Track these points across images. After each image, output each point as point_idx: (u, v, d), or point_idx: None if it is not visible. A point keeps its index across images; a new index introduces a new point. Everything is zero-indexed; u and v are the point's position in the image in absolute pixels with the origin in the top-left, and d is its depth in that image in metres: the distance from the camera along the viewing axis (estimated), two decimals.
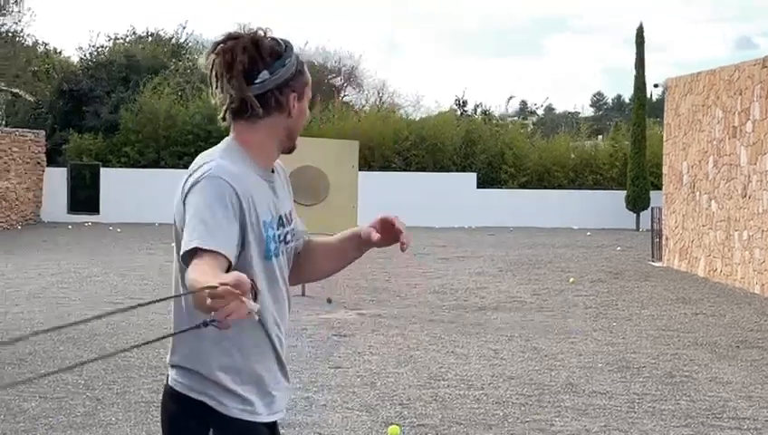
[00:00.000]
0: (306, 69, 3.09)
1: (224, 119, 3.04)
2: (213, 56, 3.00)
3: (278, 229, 3.08)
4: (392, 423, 7.19)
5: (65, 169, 30.49)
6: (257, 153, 3.04)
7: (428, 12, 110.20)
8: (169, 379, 3.10)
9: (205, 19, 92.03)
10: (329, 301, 13.45)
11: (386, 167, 31.09)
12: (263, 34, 3.00)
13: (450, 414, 7.51)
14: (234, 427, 3.05)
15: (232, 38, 2.99)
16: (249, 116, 2.98)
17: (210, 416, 3.02)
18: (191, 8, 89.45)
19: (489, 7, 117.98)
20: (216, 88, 3.01)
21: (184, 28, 38.63)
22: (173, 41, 37.33)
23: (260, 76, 2.95)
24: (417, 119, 36.64)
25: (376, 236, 3.28)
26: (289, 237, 3.17)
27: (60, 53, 37.28)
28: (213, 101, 3.06)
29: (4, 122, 30.54)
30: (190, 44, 38.60)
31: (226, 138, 3.09)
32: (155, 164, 30.57)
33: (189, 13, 64.97)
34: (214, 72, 2.99)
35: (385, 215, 3.29)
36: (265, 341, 3.16)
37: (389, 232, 3.26)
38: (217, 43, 3.01)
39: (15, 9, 23.38)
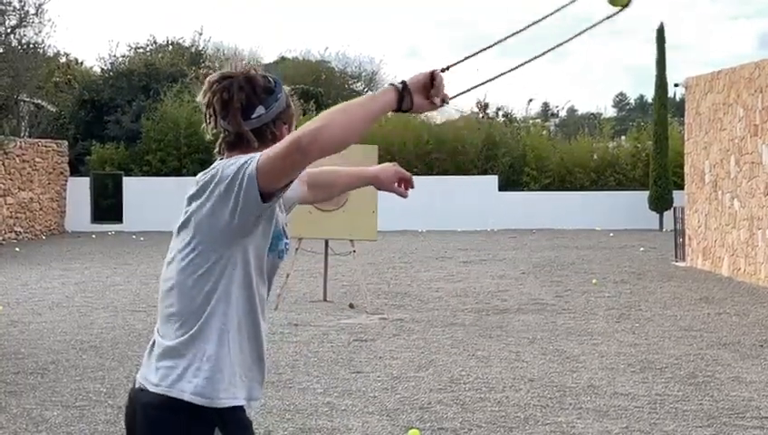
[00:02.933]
0: (291, 101, 3.32)
1: (220, 152, 3.19)
2: (209, 95, 3.17)
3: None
4: (412, 428, 7.18)
5: (88, 178, 30.65)
6: None
7: (448, 15, 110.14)
8: (160, 387, 3.09)
9: (223, 25, 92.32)
10: (351, 306, 13.46)
11: (407, 171, 31.00)
12: (255, 72, 3.19)
13: (471, 417, 7.49)
14: (233, 416, 3.10)
15: (227, 77, 3.16)
16: (245, 148, 3.12)
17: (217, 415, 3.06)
18: (210, 16, 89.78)
19: (510, 10, 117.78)
20: (210, 123, 3.19)
21: (200, 35, 38.76)
22: (192, 48, 37.49)
23: (256, 111, 3.15)
24: (439, 123, 36.64)
25: (405, 193, 3.93)
26: (284, 249, 3.27)
27: (81, 63, 37.48)
28: (207, 137, 3.23)
29: (27, 133, 30.70)
30: (210, 51, 38.75)
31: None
32: (177, 172, 30.66)
33: (207, 20, 65.15)
34: (210, 109, 3.17)
35: (398, 170, 3.82)
36: (259, 331, 3.19)
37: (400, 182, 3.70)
38: (213, 82, 3.18)
39: (37, 20, 23.49)
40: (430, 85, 3.04)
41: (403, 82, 3.00)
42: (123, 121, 31.62)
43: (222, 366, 3.06)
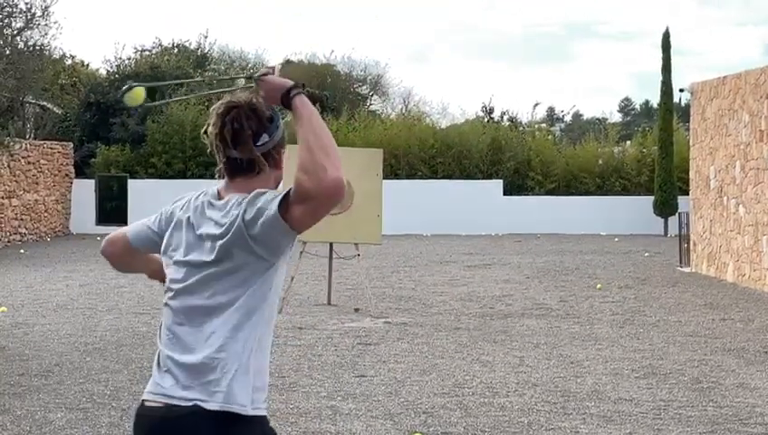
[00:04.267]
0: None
1: (221, 176, 3.36)
2: (220, 126, 3.30)
3: None
4: (416, 432, 7.17)
5: (93, 180, 30.67)
6: None
7: (454, 19, 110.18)
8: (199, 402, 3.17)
9: (228, 28, 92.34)
10: (356, 310, 13.46)
11: (412, 175, 31.09)
12: (257, 101, 3.32)
13: (474, 422, 7.48)
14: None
15: (233, 107, 3.30)
16: (256, 173, 3.30)
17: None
18: (215, 18, 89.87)
19: (516, 14, 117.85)
20: (220, 153, 3.32)
21: (206, 38, 38.77)
22: (198, 51, 37.52)
23: (261, 139, 3.29)
24: (444, 126, 36.64)
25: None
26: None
27: (87, 65, 37.52)
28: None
29: (32, 135, 30.75)
30: (215, 55, 38.77)
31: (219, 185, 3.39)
32: (182, 175, 30.69)
33: (213, 22, 65.16)
34: (218, 139, 3.31)
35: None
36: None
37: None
38: (222, 114, 3.30)
39: (43, 23, 23.49)
40: None
41: (303, 84, 3.26)
42: (128, 124, 31.63)
43: None
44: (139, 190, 30.30)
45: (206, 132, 3.35)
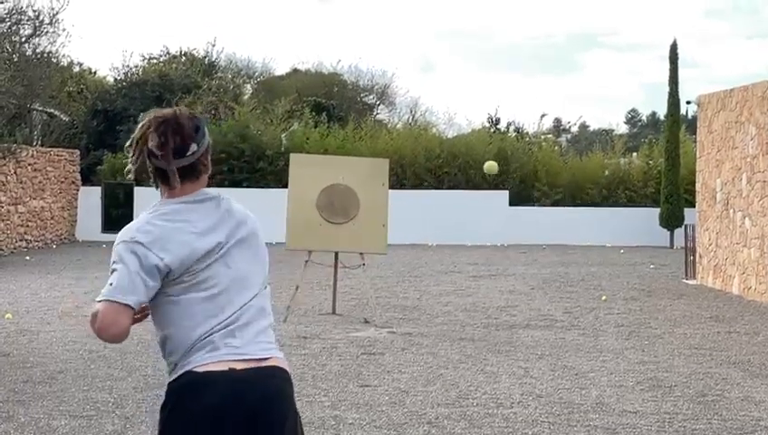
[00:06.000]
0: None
1: (156, 186, 3.63)
2: (145, 136, 3.56)
3: None
4: None
5: (100, 188, 30.72)
6: None
7: (461, 30, 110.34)
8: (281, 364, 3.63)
9: (236, 37, 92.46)
10: (366, 321, 13.40)
11: (418, 185, 31.08)
12: (182, 113, 3.59)
13: (478, 433, 7.47)
14: None
15: (162, 121, 3.55)
16: (171, 182, 3.57)
17: None
18: (223, 27, 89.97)
19: (523, 25, 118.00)
20: (138, 160, 3.59)
21: (213, 46, 38.92)
22: (206, 60, 37.61)
23: (190, 149, 3.55)
24: (450, 136, 36.63)
25: None
26: None
27: (94, 72, 37.63)
28: (130, 175, 3.67)
29: (39, 142, 30.80)
30: (222, 63, 38.86)
31: (168, 207, 3.60)
32: None
33: (220, 31, 65.25)
34: (140, 147, 3.58)
35: None
36: None
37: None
38: (148, 126, 3.57)
39: (51, 30, 23.55)
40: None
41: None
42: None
43: None
44: (145, 198, 30.23)
45: (130, 145, 3.60)
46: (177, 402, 3.55)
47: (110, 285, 3.46)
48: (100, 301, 3.46)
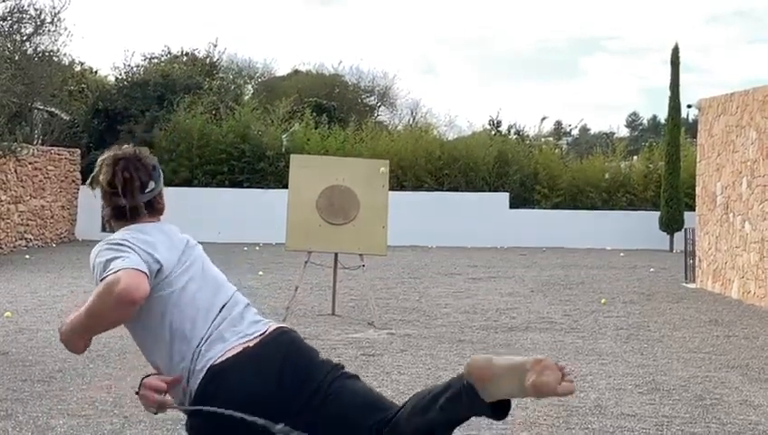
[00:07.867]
0: None
1: (109, 222, 3.87)
2: (111, 175, 3.76)
3: None
4: None
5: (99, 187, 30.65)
6: None
7: (463, 32, 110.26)
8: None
9: (237, 37, 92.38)
10: (370, 324, 13.35)
11: (418, 187, 31.08)
12: (140, 152, 3.82)
13: None
14: None
15: (121, 158, 3.78)
16: (137, 219, 3.78)
17: None
18: (224, 27, 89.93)
19: (525, 28, 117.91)
20: (110, 200, 3.80)
21: (215, 46, 38.88)
22: (207, 60, 37.61)
23: (149, 186, 3.80)
24: (451, 139, 36.64)
25: None
26: None
27: (95, 72, 37.61)
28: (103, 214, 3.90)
29: (40, 141, 30.78)
30: (224, 64, 38.83)
31: (135, 225, 3.79)
32: (188, 183, 30.71)
33: (222, 31, 65.24)
34: (109, 187, 3.77)
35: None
36: None
37: None
38: (111, 164, 3.78)
39: (53, 29, 23.54)
40: (164, 391, 3.64)
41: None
42: (136, 131, 31.68)
43: None
44: None
45: (92, 182, 3.80)
46: (211, 398, 3.53)
47: (122, 260, 3.52)
48: (116, 271, 3.48)
